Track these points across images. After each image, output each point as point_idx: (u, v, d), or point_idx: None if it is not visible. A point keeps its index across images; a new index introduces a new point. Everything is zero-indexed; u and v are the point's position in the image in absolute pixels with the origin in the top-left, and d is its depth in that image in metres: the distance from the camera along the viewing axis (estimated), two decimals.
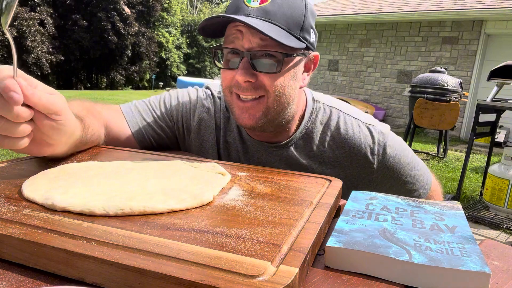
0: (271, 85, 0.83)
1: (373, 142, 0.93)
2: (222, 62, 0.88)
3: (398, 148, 0.96)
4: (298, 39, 0.82)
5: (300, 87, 0.90)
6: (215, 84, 1.07)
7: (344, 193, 0.94)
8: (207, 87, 1.06)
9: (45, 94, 0.56)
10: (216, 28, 0.85)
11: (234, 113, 0.88)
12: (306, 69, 0.91)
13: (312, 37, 0.87)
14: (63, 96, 0.61)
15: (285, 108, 0.88)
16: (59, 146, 0.65)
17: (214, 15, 0.80)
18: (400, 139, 0.99)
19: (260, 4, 0.80)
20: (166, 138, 1.02)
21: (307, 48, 0.86)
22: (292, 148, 0.95)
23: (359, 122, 0.96)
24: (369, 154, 0.93)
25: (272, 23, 0.79)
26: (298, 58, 0.85)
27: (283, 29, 0.80)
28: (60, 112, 0.58)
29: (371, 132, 0.94)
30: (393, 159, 0.95)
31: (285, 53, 0.81)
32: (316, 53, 0.91)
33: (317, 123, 0.96)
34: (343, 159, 0.95)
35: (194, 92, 1.05)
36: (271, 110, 0.85)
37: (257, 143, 0.96)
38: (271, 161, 0.96)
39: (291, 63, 0.84)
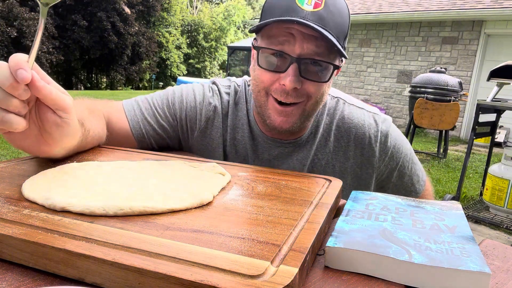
0: (315, 92, 0.83)
1: (377, 130, 0.95)
2: (258, 60, 0.84)
3: (398, 138, 0.98)
4: (343, 48, 0.81)
5: None
6: (222, 79, 1.05)
7: (350, 185, 0.96)
8: (214, 82, 1.03)
9: (55, 90, 0.56)
10: (262, 24, 0.81)
11: (268, 115, 0.87)
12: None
13: (346, 44, 0.87)
14: (72, 98, 0.61)
15: (316, 111, 0.90)
16: (57, 148, 0.64)
17: (282, 18, 0.76)
18: (400, 132, 1.01)
19: (314, 8, 0.76)
20: (167, 138, 0.99)
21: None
22: (304, 142, 0.96)
23: (364, 111, 0.98)
24: (372, 142, 0.95)
25: (327, 30, 0.76)
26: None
27: (334, 37, 0.77)
28: (67, 110, 0.58)
29: (375, 121, 0.96)
30: (394, 148, 0.96)
31: (335, 64, 0.81)
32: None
33: (324, 115, 0.97)
34: (348, 148, 0.96)
35: (200, 88, 1.01)
36: (306, 113, 0.86)
37: (270, 139, 0.96)
38: (283, 157, 0.96)
39: (335, 72, 0.85)
